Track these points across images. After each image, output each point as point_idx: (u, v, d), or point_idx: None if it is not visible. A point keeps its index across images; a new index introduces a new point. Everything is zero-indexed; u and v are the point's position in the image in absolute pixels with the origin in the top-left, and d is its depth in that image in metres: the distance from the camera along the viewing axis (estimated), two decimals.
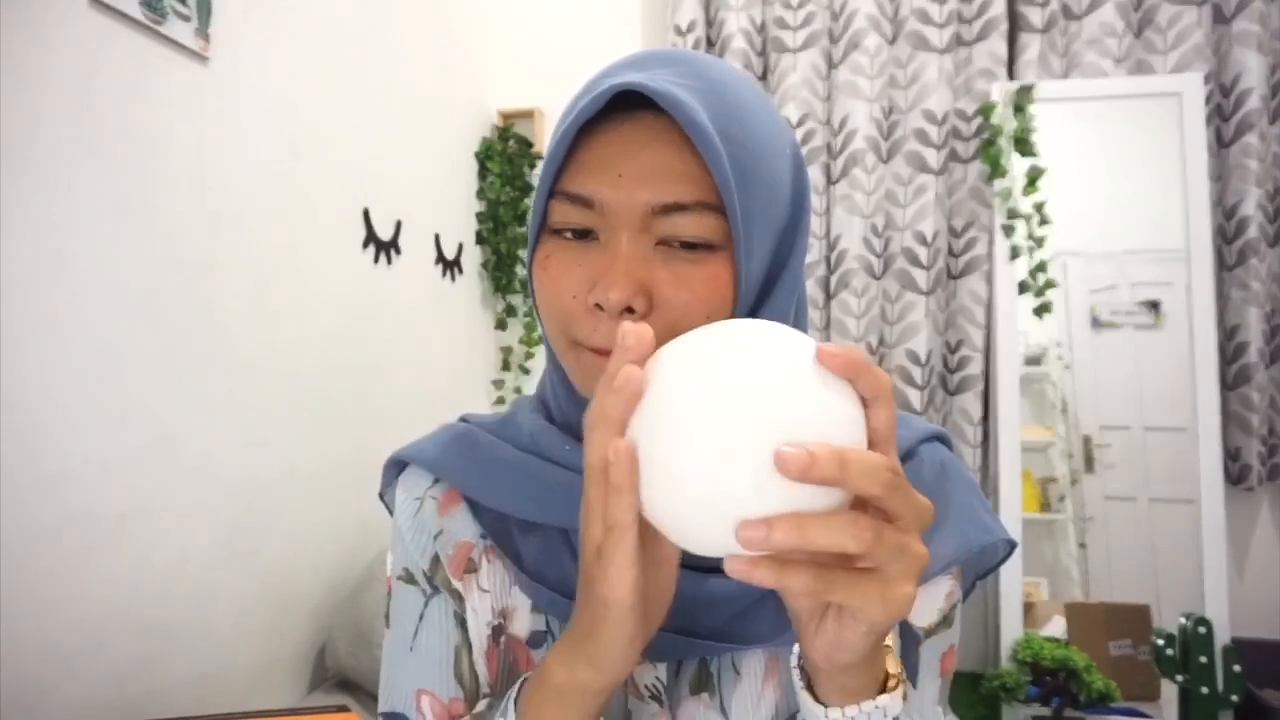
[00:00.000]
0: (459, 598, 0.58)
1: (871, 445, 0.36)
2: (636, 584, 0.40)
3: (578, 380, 0.53)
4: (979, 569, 0.60)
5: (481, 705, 0.53)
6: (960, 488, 0.57)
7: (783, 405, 0.35)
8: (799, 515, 0.33)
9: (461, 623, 0.58)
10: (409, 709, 0.56)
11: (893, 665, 0.44)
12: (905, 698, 0.44)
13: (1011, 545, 0.58)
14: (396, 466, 0.63)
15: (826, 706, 0.43)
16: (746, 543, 0.34)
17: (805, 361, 0.36)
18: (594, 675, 0.44)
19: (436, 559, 0.59)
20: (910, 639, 0.56)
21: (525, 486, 0.56)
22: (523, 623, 0.57)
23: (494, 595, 0.58)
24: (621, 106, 0.49)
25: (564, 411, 0.57)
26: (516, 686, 0.49)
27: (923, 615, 0.56)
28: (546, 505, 0.55)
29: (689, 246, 0.50)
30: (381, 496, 0.65)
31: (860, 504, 0.36)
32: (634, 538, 0.38)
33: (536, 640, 0.57)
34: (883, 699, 0.43)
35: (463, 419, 0.64)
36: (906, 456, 0.57)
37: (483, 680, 0.58)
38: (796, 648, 0.45)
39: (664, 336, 0.42)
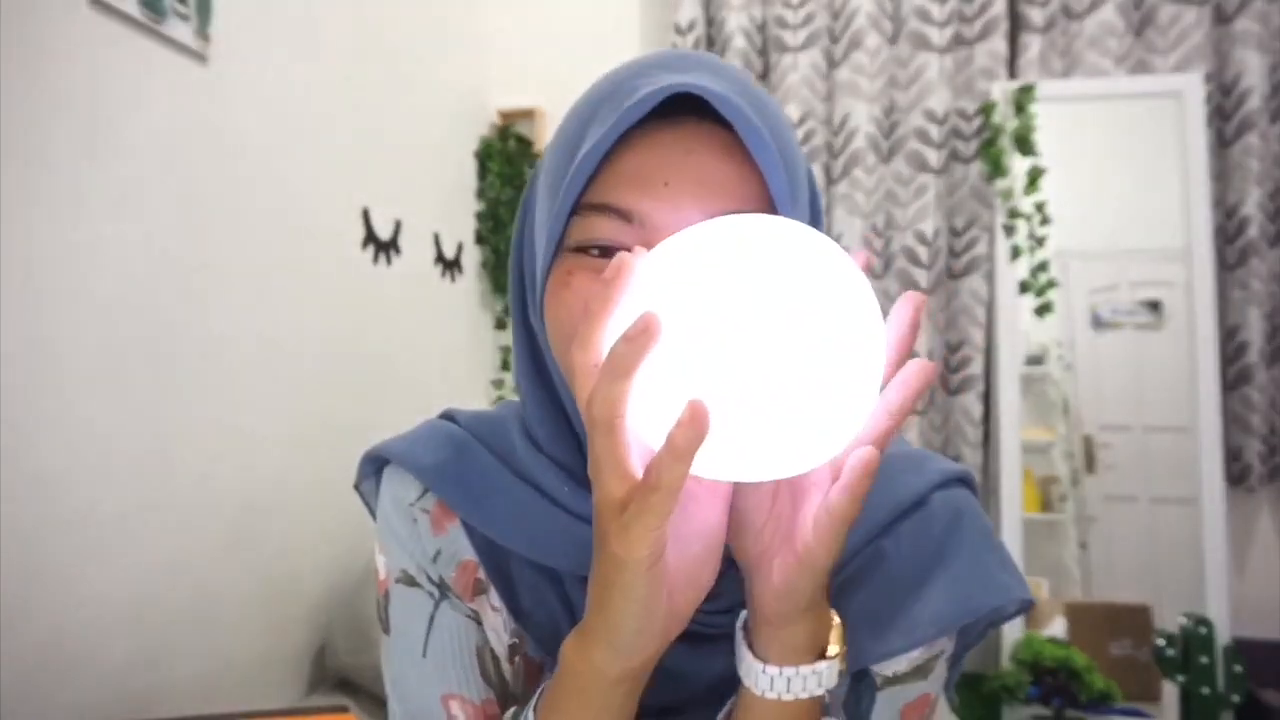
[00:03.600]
0: (475, 616, 0.55)
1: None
2: (658, 542, 0.36)
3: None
4: (987, 622, 0.55)
5: (509, 714, 0.50)
6: (972, 541, 0.53)
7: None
8: None
9: (478, 623, 0.55)
10: (437, 718, 0.52)
11: (835, 645, 0.43)
12: (842, 673, 0.43)
13: (1027, 604, 0.52)
14: (376, 462, 0.59)
15: (766, 663, 0.42)
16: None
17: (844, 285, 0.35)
18: (610, 657, 0.40)
19: (443, 580, 0.55)
20: (865, 683, 0.52)
21: (522, 521, 0.52)
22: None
23: (504, 615, 0.54)
24: (656, 111, 0.44)
25: (557, 448, 0.52)
26: (539, 691, 0.46)
27: (888, 665, 0.52)
28: (543, 546, 0.51)
29: None
30: (357, 488, 0.62)
31: None
32: (674, 503, 0.34)
33: (548, 665, 0.54)
34: (820, 664, 0.42)
35: (445, 415, 0.60)
36: (918, 504, 0.53)
37: (511, 683, 0.55)
38: (744, 615, 0.44)
39: None
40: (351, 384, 1.80)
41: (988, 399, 2.42)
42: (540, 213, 0.48)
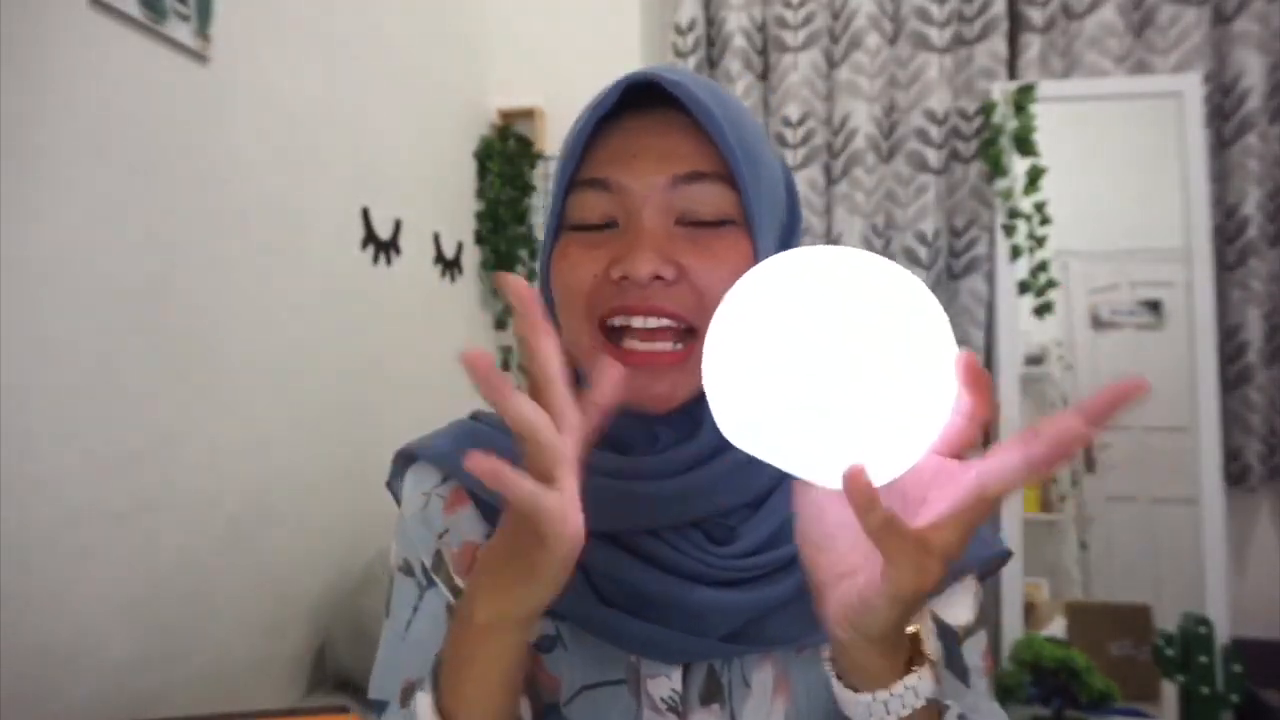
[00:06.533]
0: (459, 594, 0.58)
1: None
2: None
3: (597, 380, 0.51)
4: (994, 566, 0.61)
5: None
6: None
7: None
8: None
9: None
10: (394, 698, 0.56)
11: (925, 649, 0.44)
12: (938, 680, 0.43)
13: (1008, 554, 0.59)
14: (405, 458, 0.63)
15: (857, 691, 0.43)
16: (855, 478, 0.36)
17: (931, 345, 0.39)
18: (474, 603, 0.45)
19: (439, 555, 0.59)
20: (950, 638, 0.56)
21: None
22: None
23: None
24: (629, 110, 0.53)
25: None
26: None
27: (959, 614, 0.56)
28: None
29: (706, 223, 0.51)
30: (389, 485, 0.66)
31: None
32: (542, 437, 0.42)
33: (546, 645, 0.56)
34: (910, 679, 0.42)
35: (473, 416, 0.64)
36: None
37: None
38: (828, 647, 0.45)
39: (694, 303, 0.44)
40: (351, 384, 1.80)
41: None
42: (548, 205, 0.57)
